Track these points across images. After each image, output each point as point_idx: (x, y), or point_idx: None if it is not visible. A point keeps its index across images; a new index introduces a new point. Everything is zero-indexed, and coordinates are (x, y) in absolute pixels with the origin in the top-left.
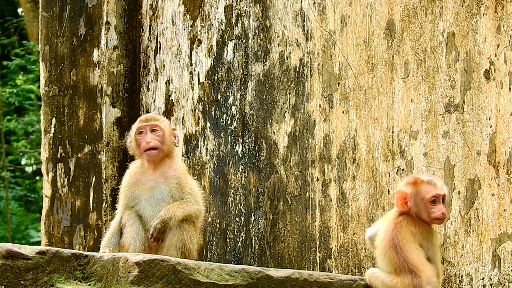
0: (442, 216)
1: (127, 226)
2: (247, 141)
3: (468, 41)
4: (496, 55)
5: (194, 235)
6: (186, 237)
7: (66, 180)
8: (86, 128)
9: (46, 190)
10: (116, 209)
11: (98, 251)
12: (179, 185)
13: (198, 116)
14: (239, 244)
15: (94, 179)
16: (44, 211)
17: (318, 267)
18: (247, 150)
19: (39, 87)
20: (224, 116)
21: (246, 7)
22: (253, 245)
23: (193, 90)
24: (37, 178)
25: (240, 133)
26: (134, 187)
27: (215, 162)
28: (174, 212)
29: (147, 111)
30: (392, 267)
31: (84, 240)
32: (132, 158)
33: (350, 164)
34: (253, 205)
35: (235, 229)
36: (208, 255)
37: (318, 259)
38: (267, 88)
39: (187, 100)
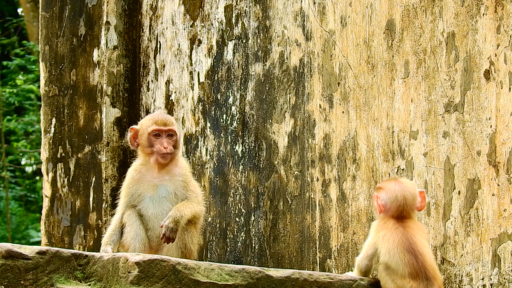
0: None
1: (127, 226)
2: (247, 141)
3: (468, 41)
4: (496, 55)
5: (195, 235)
6: (187, 237)
7: (66, 180)
8: (86, 128)
9: (46, 190)
10: (116, 207)
11: (98, 251)
12: (184, 183)
13: (198, 116)
14: (239, 244)
15: (94, 179)
16: (44, 211)
17: (318, 267)
18: (247, 150)
19: (39, 87)
20: (224, 116)
21: (246, 7)
22: (253, 245)
23: (193, 90)
24: (37, 178)
25: (240, 133)
26: (138, 184)
27: (215, 162)
28: (184, 211)
29: (147, 111)
30: (408, 271)
31: (84, 240)
32: (132, 157)
33: (350, 164)
34: (253, 205)
35: (235, 229)
36: (208, 255)
37: (318, 259)
38: (267, 88)
39: (187, 100)
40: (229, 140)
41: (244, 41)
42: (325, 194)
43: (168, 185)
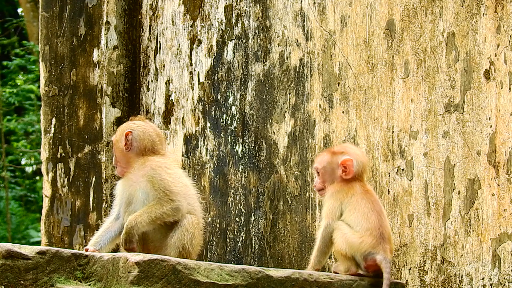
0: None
1: None
2: (247, 141)
3: (468, 41)
4: (496, 55)
5: (195, 236)
6: (186, 238)
7: (66, 180)
8: (86, 128)
9: (46, 190)
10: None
11: None
12: (150, 183)
13: (198, 116)
14: (239, 244)
15: (94, 179)
16: (44, 211)
17: None
18: (247, 150)
19: (39, 87)
20: (224, 116)
21: (246, 7)
22: (253, 245)
23: (193, 90)
24: (37, 178)
25: (240, 133)
26: (125, 186)
27: (215, 162)
28: (136, 220)
29: (147, 111)
30: (366, 227)
31: (84, 240)
32: None
33: None
34: (253, 205)
35: (235, 229)
36: (208, 255)
37: None
38: (267, 88)
39: (187, 100)
40: (229, 140)
41: (244, 41)
42: None
43: (140, 188)
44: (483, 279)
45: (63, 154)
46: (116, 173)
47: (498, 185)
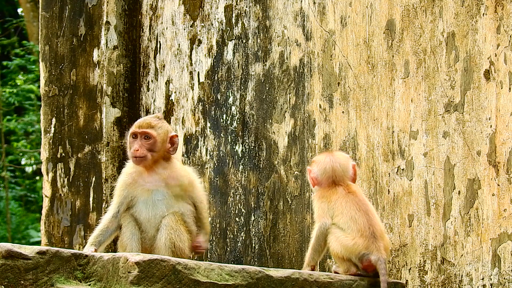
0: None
1: (123, 227)
2: (247, 141)
3: (468, 41)
4: (496, 55)
5: (182, 232)
6: (174, 236)
7: (66, 180)
8: (86, 128)
9: (46, 190)
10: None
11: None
12: (184, 191)
13: (198, 116)
14: (239, 244)
15: (94, 179)
16: (44, 211)
17: (318, 267)
18: (247, 150)
19: (39, 87)
20: (224, 116)
21: (246, 7)
22: (253, 245)
23: (193, 90)
24: (37, 178)
25: (240, 133)
26: (131, 187)
27: (215, 162)
28: (208, 228)
29: (147, 111)
30: (357, 228)
31: (84, 240)
32: None
33: None
34: (253, 205)
35: (235, 229)
36: (208, 255)
37: None
38: (267, 88)
39: (187, 100)
40: (229, 140)
41: (244, 41)
42: None
43: (164, 190)
44: (483, 279)
45: (63, 154)
46: (134, 162)
47: (498, 185)
